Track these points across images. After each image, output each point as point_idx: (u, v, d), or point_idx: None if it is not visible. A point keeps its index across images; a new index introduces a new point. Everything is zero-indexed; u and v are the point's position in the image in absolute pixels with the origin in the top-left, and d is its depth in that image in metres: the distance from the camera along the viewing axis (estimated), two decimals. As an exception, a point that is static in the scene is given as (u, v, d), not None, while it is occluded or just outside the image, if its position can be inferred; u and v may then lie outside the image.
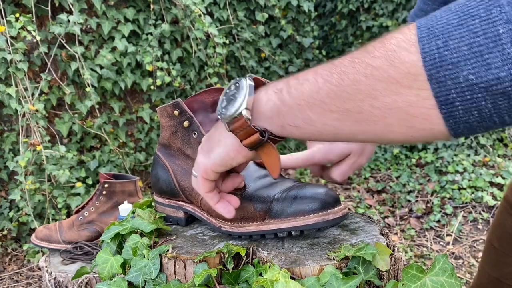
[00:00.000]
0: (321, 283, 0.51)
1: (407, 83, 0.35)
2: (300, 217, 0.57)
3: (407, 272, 0.49)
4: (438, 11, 0.36)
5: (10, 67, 2.07)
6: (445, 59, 0.33)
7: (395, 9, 3.36)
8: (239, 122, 0.47)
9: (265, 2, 3.03)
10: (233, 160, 0.51)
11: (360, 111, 0.39)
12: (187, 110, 0.64)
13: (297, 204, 0.58)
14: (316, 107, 0.41)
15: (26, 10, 2.23)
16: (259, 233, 0.60)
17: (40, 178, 2.17)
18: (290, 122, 0.44)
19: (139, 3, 2.51)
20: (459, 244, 2.29)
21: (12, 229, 2.26)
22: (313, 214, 0.57)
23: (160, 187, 0.71)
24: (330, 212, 0.57)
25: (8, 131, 2.31)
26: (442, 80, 0.33)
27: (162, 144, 0.70)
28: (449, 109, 0.34)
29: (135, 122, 2.67)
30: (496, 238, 0.84)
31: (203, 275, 0.53)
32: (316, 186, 0.60)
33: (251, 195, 0.62)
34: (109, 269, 0.62)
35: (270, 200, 0.60)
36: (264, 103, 0.46)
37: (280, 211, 0.58)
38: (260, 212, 0.60)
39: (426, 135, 0.37)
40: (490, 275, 0.85)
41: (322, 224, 0.57)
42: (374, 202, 2.78)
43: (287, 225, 0.58)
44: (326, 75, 0.41)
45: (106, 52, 2.36)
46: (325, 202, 0.57)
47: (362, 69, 0.37)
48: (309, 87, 0.42)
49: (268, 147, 0.49)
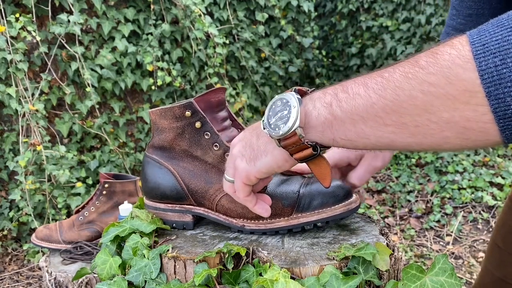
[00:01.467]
0: (321, 283, 0.51)
1: (465, 99, 0.36)
2: (327, 208, 0.61)
3: (407, 272, 0.50)
4: (488, 25, 0.37)
5: (10, 67, 2.07)
6: (503, 77, 0.34)
7: (395, 9, 3.36)
8: (291, 139, 0.47)
9: (265, 2, 3.03)
10: (279, 168, 0.52)
11: (417, 125, 0.40)
12: (200, 111, 0.63)
13: (322, 197, 0.62)
14: (371, 121, 0.42)
15: (26, 10, 2.23)
16: (289, 227, 0.63)
17: (40, 178, 2.17)
18: (342, 136, 0.45)
19: (139, 3, 2.52)
20: (459, 244, 2.29)
21: (12, 229, 2.26)
22: (338, 204, 0.61)
23: (161, 192, 0.68)
24: (351, 202, 0.62)
25: (8, 131, 2.31)
26: (501, 97, 0.34)
27: (159, 147, 0.68)
28: (506, 122, 0.35)
29: (135, 122, 2.67)
30: (501, 238, 0.84)
31: (203, 275, 0.53)
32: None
33: (275, 192, 0.63)
34: (108, 270, 0.62)
35: (296, 195, 0.63)
36: (315, 118, 0.46)
37: (307, 205, 0.62)
38: (288, 207, 0.62)
39: (480, 145, 0.39)
40: (494, 274, 0.85)
41: (347, 214, 0.62)
42: (374, 202, 2.78)
43: (317, 217, 0.61)
44: (379, 89, 0.41)
45: (106, 52, 2.36)
46: (343, 194, 0.62)
47: (418, 86, 0.38)
48: (361, 101, 0.42)
49: (319, 159, 0.50)
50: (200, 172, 0.65)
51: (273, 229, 0.63)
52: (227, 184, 0.57)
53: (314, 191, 0.62)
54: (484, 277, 0.88)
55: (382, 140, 0.43)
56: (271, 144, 0.51)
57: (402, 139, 0.41)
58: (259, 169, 0.52)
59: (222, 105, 0.67)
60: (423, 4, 3.20)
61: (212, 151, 0.64)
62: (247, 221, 0.64)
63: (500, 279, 0.83)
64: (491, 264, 0.86)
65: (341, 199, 0.62)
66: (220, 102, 0.67)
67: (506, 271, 0.82)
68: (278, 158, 0.51)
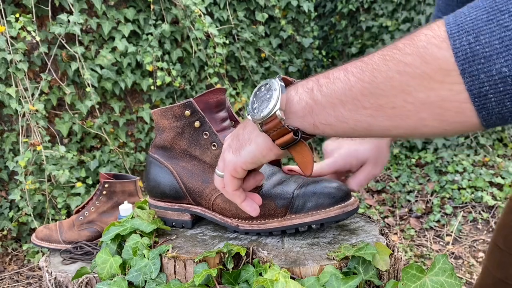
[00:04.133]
0: (321, 283, 0.51)
1: (440, 78, 0.36)
2: (321, 210, 0.60)
3: (407, 272, 0.50)
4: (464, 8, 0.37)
5: (10, 67, 2.07)
6: (477, 54, 0.34)
7: (395, 9, 3.36)
8: (272, 122, 0.48)
9: (265, 2, 3.03)
10: (264, 158, 0.52)
11: (393, 107, 0.40)
12: (199, 110, 0.63)
13: (317, 199, 0.60)
14: (349, 104, 0.42)
15: (26, 10, 2.23)
16: (282, 228, 0.62)
17: (40, 178, 2.17)
18: (323, 121, 0.45)
19: (139, 3, 2.52)
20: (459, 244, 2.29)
21: (12, 229, 2.26)
22: (334, 207, 0.60)
23: (161, 190, 0.69)
24: (347, 204, 0.60)
25: (8, 131, 2.31)
26: (475, 74, 0.34)
27: (160, 146, 0.69)
28: (482, 101, 0.35)
29: (135, 122, 2.67)
30: (502, 239, 0.84)
31: (203, 275, 0.53)
32: (329, 181, 0.62)
33: (270, 192, 0.63)
34: (108, 269, 0.62)
35: (290, 196, 0.62)
36: (296, 103, 0.47)
37: (301, 206, 0.61)
38: (282, 208, 0.62)
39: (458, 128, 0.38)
40: (494, 276, 0.85)
41: (342, 216, 0.60)
42: (374, 202, 2.78)
43: (311, 219, 0.60)
44: (358, 73, 0.42)
45: (106, 52, 2.36)
46: (341, 195, 0.60)
47: (395, 66, 0.39)
48: (341, 85, 0.43)
49: (301, 146, 0.50)
50: (198, 172, 0.66)
51: (266, 230, 0.62)
52: (218, 179, 0.57)
53: (309, 192, 0.61)
54: (485, 278, 0.88)
55: (360, 124, 0.43)
56: (254, 132, 0.52)
57: (380, 122, 0.42)
58: (245, 159, 0.52)
59: (222, 106, 0.67)
60: (423, 4, 3.20)
61: (210, 151, 0.64)
62: (241, 221, 0.64)
63: (501, 280, 0.83)
64: (491, 265, 0.86)
65: (338, 201, 0.60)
66: (219, 102, 0.67)
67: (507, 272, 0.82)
68: (261, 146, 0.51)
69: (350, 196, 0.62)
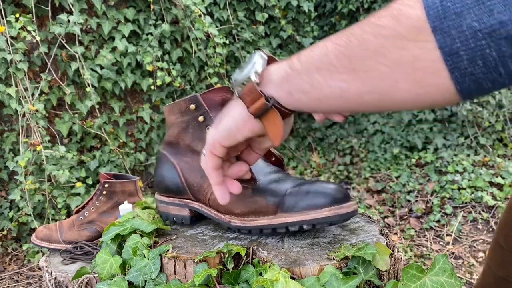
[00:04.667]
0: (321, 283, 0.51)
1: (413, 37, 0.36)
2: (313, 210, 0.58)
3: (407, 272, 0.50)
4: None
5: (10, 67, 2.07)
6: (447, 10, 0.34)
7: (395, 9, 3.36)
8: (247, 87, 0.49)
9: (265, 2, 3.03)
10: (239, 132, 0.51)
11: (366, 70, 0.40)
12: (204, 105, 0.65)
13: (310, 199, 0.58)
14: (324, 70, 0.43)
15: (26, 10, 2.23)
16: (271, 226, 0.60)
17: (40, 178, 2.17)
18: (298, 87, 0.46)
19: (139, 3, 2.51)
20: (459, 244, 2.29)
21: (12, 229, 2.26)
22: (327, 208, 0.57)
23: (165, 185, 0.71)
24: (342, 206, 0.58)
25: (8, 131, 2.31)
26: (446, 31, 0.34)
27: (168, 142, 0.71)
28: (454, 59, 0.35)
29: (135, 122, 2.67)
30: (503, 237, 0.84)
31: (203, 275, 0.53)
32: (327, 182, 0.61)
33: (262, 188, 0.62)
34: (108, 269, 0.62)
35: (283, 194, 0.60)
36: (274, 72, 0.48)
37: (293, 205, 0.59)
38: (272, 206, 0.60)
39: (432, 93, 0.38)
40: (496, 274, 0.85)
41: (334, 218, 0.57)
42: (374, 202, 2.78)
43: (301, 219, 0.58)
44: (335, 38, 0.43)
45: (106, 52, 2.36)
46: (337, 197, 0.58)
47: (369, 29, 0.39)
48: (318, 51, 0.44)
49: (273, 115, 0.49)
50: (197, 167, 0.67)
51: (256, 227, 0.62)
52: (202, 157, 0.56)
53: (303, 191, 0.59)
54: (487, 277, 0.88)
55: (334, 90, 0.43)
56: (232, 103, 0.52)
57: (353, 87, 0.42)
58: (222, 134, 0.52)
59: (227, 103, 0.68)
60: (423, 4, 3.19)
61: None
62: (233, 218, 0.64)
63: (503, 279, 0.83)
64: (493, 264, 0.86)
65: (333, 202, 0.58)
66: (224, 100, 0.67)
67: (508, 270, 0.82)
68: (236, 117, 0.51)
69: (348, 198, 0.60)
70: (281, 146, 3.34)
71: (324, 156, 3.39)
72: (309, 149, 3.51)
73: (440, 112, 3.14)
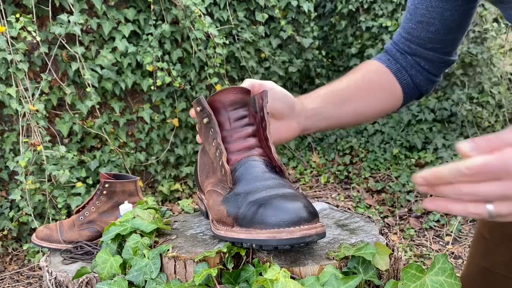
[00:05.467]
0: (321, 282, 0.51)
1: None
2: (256, 230, 0.52)
3: (406, 272, 0.50)
4: None
5: (10, 68, 2.08)
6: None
7: (394, 10, 3.36)
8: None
9: (265, 3, 3.03)
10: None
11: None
12: (207, 107, 0.65)
13: (259, 215, 0.52)
14: None
15: (27, 11, 2.23)
16: (227, 239, 0.57)
17: (41, 178, 2.17)
18: None
19: (140, 4, 2.52)
20: (459, 243, 2.29)
21: (12, 229, 2.26)
22: (266, 229, 0.50)
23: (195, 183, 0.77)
24: (284, 230, 0.49)
25: (9, 131, 2.31)
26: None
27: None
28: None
29: (136, 122, 2.68)
30: (487, 229, 0.85)
31: (203, 275, 0.53)
32: (292, 198, 0.53)
33: (230, 197, 0.59)
34: (108, 269, 0.62)
35: (242, 205, 0.56)
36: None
37: (245, 220, 0.54)
38: (229, 217, 0.57)
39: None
40: (479, 264, 0.86)
41: (273, 242, 0.50)
42: (373, 202, 2.78)
43: (245, 236, 0.53)
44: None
45: (107, 53, 2.36)
46: (287, 219, 0.50)
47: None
48: None
49: None
50: (205, 165, 0.69)
51: (219, 236, 0.59)
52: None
53: (257, 206, 0.53)
54: (470, 267, 0.89)
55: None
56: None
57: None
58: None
59: (236, 105, 0.66)
60: (423, 4, 3.19)
61: (211, 147, 0.65)
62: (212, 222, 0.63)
63: (486, 269, 0.83)
64: (477, 254, 0.87)
65: (290, 223, 0.49)
66: (233, 101, 0.66)
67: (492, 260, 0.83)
68: None
69: (312, 220, 0.51)
70: (281, 146, 3.34)
71: (324, 156, 3.39)
72: (309, 149, 3.52)
73: (439, 112, 3.14)
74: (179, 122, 2.74)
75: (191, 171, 2.83)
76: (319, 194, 2.97)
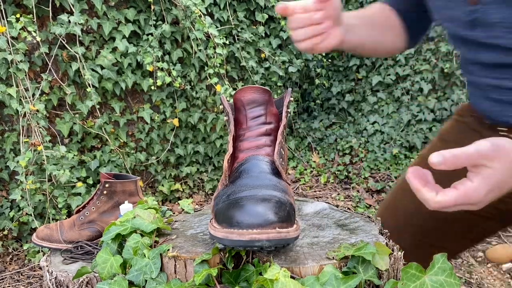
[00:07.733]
0: (320, 282, 0.51)
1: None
2: (221, 227, 0.52)
3: (406, 272, 0.50)
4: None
5: (11, 68, 2.08)
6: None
7: (395, 10, 3.36)
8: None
9: (265, 3, 3.03)
10: None
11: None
12: (225, 106, 0.68)
13: (227, 214, 0.52)
14: None
15: (27, 11, 2.23)
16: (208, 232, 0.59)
17: (41, 178, 2.17)
18: None
19: (140, 4, 2.52)
20: (459, 244, 2.29)
21: (13, 228, 2.26)
22: (226, 228, 0.51)
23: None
24: (235, 232, 0.50)
25: (9, 131, 2.31)
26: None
27: None
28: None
29: (136, 122, 2.68)
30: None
31: (204, 275, 0.53)
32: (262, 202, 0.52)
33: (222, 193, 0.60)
34: (109, 269, 0.62)
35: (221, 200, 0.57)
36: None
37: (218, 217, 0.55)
38: (213, 212, 0.58)
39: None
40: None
41: (225, 242, 0.51)
42: (373, 202, 2.78)
43: (213, 232, 0.53)
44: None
45: (107, 53, 2.37)
46: (244, 221, 0.50)
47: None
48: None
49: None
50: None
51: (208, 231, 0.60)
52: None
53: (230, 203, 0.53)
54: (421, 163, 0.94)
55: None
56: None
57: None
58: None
59: (253, 104, 0.68)
60: (423, 4, 3.20)
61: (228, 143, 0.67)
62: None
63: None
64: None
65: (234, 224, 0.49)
66: (249, 100, 0.68)
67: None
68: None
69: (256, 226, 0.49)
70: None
71: (323, 156, 3.39)
72: (309, 149, 3.52)
73: (439, 112, 3.14)
74: (179, 122, 2.75)
75: (191, 171, 2.83)
76: (319, 194, 2.97)
